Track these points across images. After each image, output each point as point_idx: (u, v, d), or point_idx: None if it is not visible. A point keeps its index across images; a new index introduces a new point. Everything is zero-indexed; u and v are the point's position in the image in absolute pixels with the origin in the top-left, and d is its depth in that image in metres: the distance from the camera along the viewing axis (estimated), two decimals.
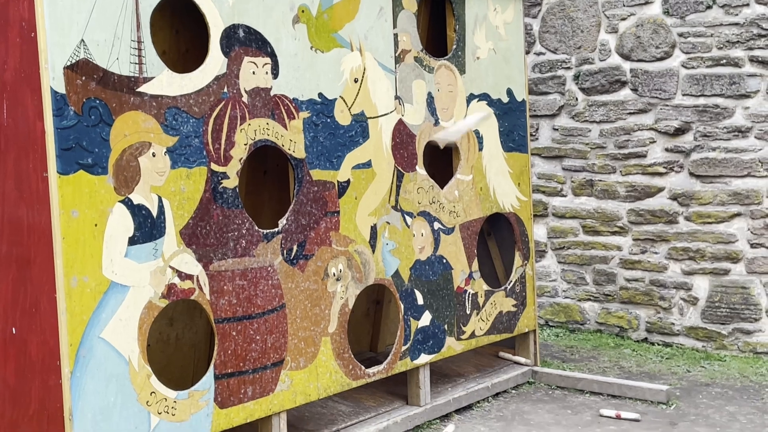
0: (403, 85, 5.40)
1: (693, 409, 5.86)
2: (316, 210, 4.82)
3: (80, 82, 3.72)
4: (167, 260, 4.06)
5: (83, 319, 3.72)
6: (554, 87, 7.99)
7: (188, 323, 5.43)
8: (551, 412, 5.88)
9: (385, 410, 5.50)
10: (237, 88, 4.38)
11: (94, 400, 3.77)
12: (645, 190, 7.53)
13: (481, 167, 6.04)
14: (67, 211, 3.66)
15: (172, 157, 4.08)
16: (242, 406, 4.42)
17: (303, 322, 4.73)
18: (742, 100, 7.08)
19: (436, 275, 5.64)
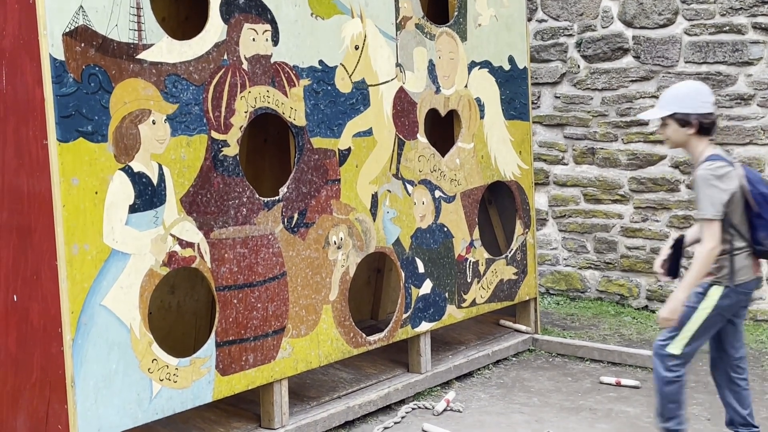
0: (404, 53, 5.36)
1: (693, 376, 5.87)
2: (316, 178, 4.81)
3: (79, 48, 3.70)
4: (168, 228, 4.06)
5: (84, 286, 3.73)
6: (556, 54, 7.95)
7: (189, 291, 5.44)
8: (552, 379, 5.90)
9: (386, 377, 5.52)
10: (237, 56, 4.36)
11: (95, 367, 3.78)
12: (646, 158, 7.51)
13: (482, 135, 6.02)
14: (68, 179, 3.66)
15: (172, 124, 4.06)
16: (244, 373, 4.43)
17: (304, 290, 4.73)
18: (744, 67, 7.04)
19: (437, 243, 5.64)
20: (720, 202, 4.05)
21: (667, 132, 4.26)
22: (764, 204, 4.15)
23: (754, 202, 4.14)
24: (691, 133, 4.17)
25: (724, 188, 4.07)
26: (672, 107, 4.18)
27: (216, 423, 4.68)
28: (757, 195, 4.15)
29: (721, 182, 4.07)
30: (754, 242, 4.19)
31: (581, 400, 5.46)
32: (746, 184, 4.15)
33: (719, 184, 4.06)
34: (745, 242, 4.19)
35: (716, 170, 4.08)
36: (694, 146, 4.20)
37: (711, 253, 4.06)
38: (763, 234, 4.16)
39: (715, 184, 4.06)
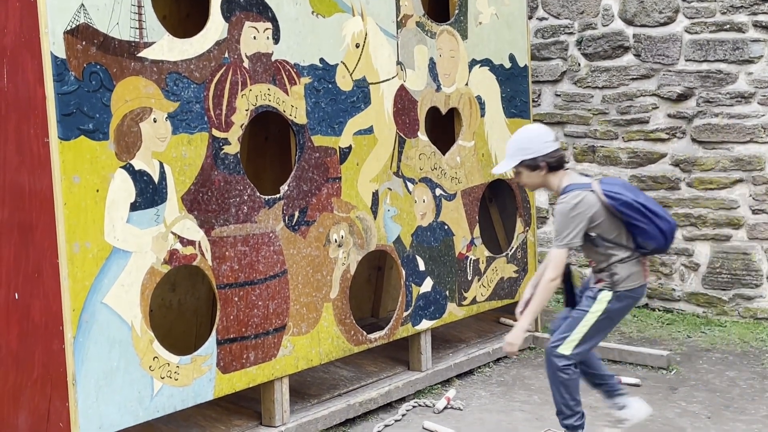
0: (405, 51, 5.37)
1: (693, 375, 5.89)
2: (317, 176, 4.81)
3: (80, 47, 3.70)
4: (169, 226, 4.06)
5: (86, 284, 3.73)
6: (556, 52, 7.95)
7: (190, 289, 5.45)
8: None
9: (387, 375, 5.53)
10: (238, 54, 4.36)
11: (97, 364, 3.79)
12: (647, 156, 7.52)
13: (483, 133, 6.03)
14: (69, 176, 3.66)
15: (173, 122, 4.07)
16: (245, 371, 4.44)
17: (305, 288, 4.74)
18: (745, 65, 7.04)
19: (437, 241, 5.64)
20: (573, 234, 4.26)
21: (522, 179, 4.49)
22: (631, 212, 4.31)
23: (621, 214, 4.31)
24: (543, 174, 4.37)
25: (580, 218, 4.25)
26: (518, 157, 4.38)
27: (217, 421, 4.69)
28: (620, 207, 4.30)
29: (575, 212, 4.27)
30: (638, 247, 4.38)
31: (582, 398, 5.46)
32: (606, 200, 4.30)
33: (574, 216, 4.26)
34: (629, 251, 4.38)
35: (570, 202, 4.28)
36: (551, 182, 4.41)
37: (551, 284, 4.30)
38: (641, 239, 4.35)
39: (571, 216, 4.26)
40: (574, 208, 4.25)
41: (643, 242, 4.35)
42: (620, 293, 4.36)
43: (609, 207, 4.29)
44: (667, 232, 4.34)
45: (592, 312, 4.35)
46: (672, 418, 5.10)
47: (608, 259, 4.35)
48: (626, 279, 4.36)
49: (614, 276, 4.34)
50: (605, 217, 4.31)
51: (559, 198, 4.34)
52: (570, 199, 4.27)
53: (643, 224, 4.30)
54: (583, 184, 4.36)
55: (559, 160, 4.38)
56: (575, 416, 4.42)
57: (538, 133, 4.43)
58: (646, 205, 4.33)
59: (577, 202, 4.25)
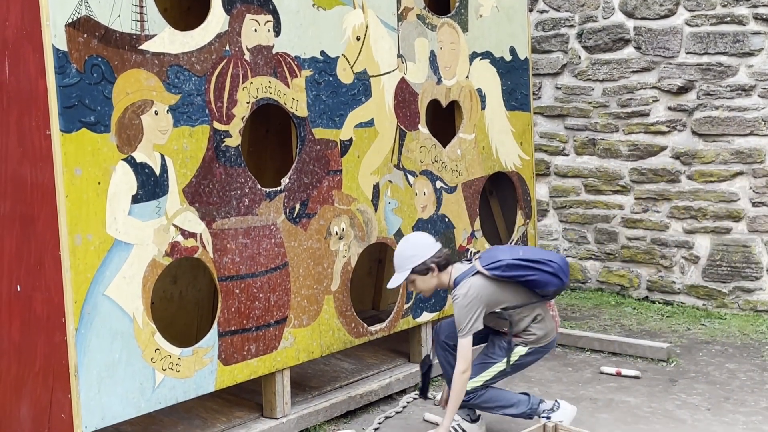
0: (406, 43, 5.37)
1: (693, 367, 5.90)
2: (318, 169, 4.82)
3: (82, 39, 3.70)
4: (170, 218, 4.07)
5: (87, 276, 3.74)
6: (557, 45, 7.95)
7: (192, 281, 5.46)
8: (552, 369, 5.92)
9: (388, 367, 5.54)
10: (239, 46, 4.36)
11: (99, 356, 3.80)
12: (647, 148, 7.52)
13: (483, 126, 6.03)
14: (71, 169, 3.67)
15: (174, 115, 4.07)
16: (246, 363, 4.45)
17: (306, 280, 4.75)
18: (745, 58, 7.04)
19: (438, 234, 5.65)
20: (473, 321, 4.36)
21: (417, 286, 4.58)
22: (516, 272, 4.45)
23: (509, 278, 4.44)
24: (435, 275, 4.51)
25: (475, 304, 4.36)
26: (408, 266, 4.50)
27: (218, 412, 4.70)
28: (505, 272, 4.44)
29: (468, 301, 4.36)
30: (542, 296, 4.55)
31: (582, 390, 5.48)
32: (490, 273, 4.42)
33: (469, 305, 4.36)
34: (537, 306, 4.54)
35: (462, 293, 4.38)
36: (443, 281, 4.54)
37: (464, 376, 4.40)
38: (537, 289, 4.50)
39: (466, 306, 4.38)
40: (466, 297, 4.38)
41: (541, 291, 4.51)
42: (535, 348, 4.54)
43: (497, 278, 4.43)
44: (557, 273, 4.50)
45: (501, 363, 4.52)
46: (672, 410, 5.11)
47: (522, 322, 4.50)
48: (543, 337, 4.54)
49: (532, 336, 4.52)
50: (501, 289, 4.45)
51: (452, 293, 4.47)
52: (461, 291, 4.41)
53: (532, 276, 4.45)
54: (467, 270, 4.49)
55: (445, 259, 4.54)
56: (517, 406, 4.56)
57: (419, 240, 4.62)
58: (526, 258, 4.49)
59: (467, 292, 4.39)
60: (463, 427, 4.70)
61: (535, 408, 4.57)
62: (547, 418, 4.52)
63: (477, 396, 4.50)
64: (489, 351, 4.58)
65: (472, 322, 4.35)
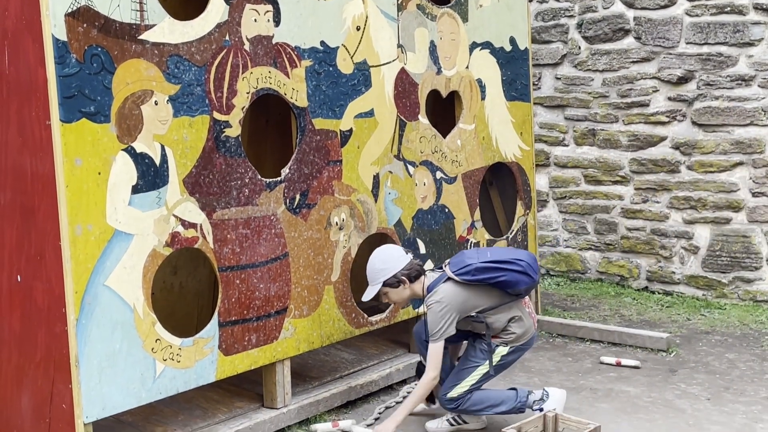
0: (406, 34, 5.36)
1: (693, 357, 5.91)
2: (318, 159, 4.81)
3: (82, 29, 3.70)
4: (171, 209, 4.07)
5: (88, 267, 3.74)
6: (557, 35, 7.94)
7: (192, 272, 5.46)
8: (552, 359, 5.93)
9: (388, 358, 5.54)
10: (239, 36, 4.35)
11: (99, 346, 3.81)
12: (647, 139, 7.52)
13: (483, 116, 6.02)
14: (71, 159, 3.66)
15: (174, 105, 4.07)
16: (246, 353, 4.45)
17: (306, 270, 4.75)
18: (745, 48, 7.04)
19: (438, 224, 5.65)
20: (446, 327, 4.39)
21: (391, 298, 4.64)
22: (485, 274, 4.47)
23: (480, 281, 4.45)
24: (407, 286, 4.57)
25: (448, 311, 4.39)
26: (380, 279, 4.57)
27: (219, 403, 4.71)
28: (474, 276, 4.46)
29: (441, 308, 4.39)
30: (515, 295, 4.54)
31: (582, 380, 5.49)
32: (460, 279, 4.44)
33: (442, 311, 4.38)
34: (512, 305, 4.55)
35: (435, 300, 4.41)
36: (417, 291, 4.59)
37: (432, 383, 4.44)
38: (509, 289, 4.51)
39: (440, 313, 4.41)
40: (439, 304, 4.41)
41: (513, 291, 4.52)
42: (516, 347, 4.56)
43: (468, 282, 4.45)
44: (526, 271, 4.51)
45: (485, 365, 4.52)
46: (672, 399, 5.12)
47: (499, 323, 4.51)
48: (522, 335, 4.56)
49: (512, 335, 4.53)
50: (473, 293, 4.46)
51: (426, 300, 4.50)
52: (434, 298, 4.44)
53: (503, 277, 4.46)
54: (438, 278, 4.52)
55: (416, 270, 4.57)
56: (505, 403, 4.58)
57: (388, 254, 4.64)
58: (495, 260, 4.50)
59: (440, 299, 4.42)
60: (463, 418, 4.71)
61: (524, 401, 4.58)
62: (539, 409, 4.52)
63: (464, 401, 4.52)
64: (470, 355, 4.59)
65: (445, 328, 4.39)
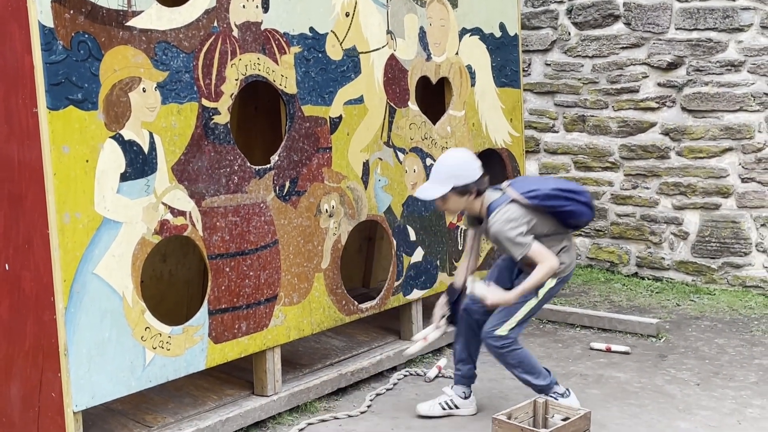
0: (395, 20, 5.34)
1: (682, 342, 5.93)
2: (308, 146, 4.80)
3: (68, 15, 3.66)
4: (159, 196, 4.05)
5: (76, 255, 3.72)
6: (547, 21, 7.92)
7: (181, 260, 5.45)
8: (542, 345, 5.94)
9: (378, 345, 5.55)
10: (227, 23, 4.33)
11: (88, 335, 3.79)
12: (637, 125, 7.52)
13: (473, 103, 6.01)
14: (58, 146, 3.64)
15: (162, 92, 4.04)
16: (236, 341, 4.45)
17: (296, 258, 4.74)
18: (735, 33, 7.03)
19: (428, 211, 5.64)
20: (524, 234, 4.33)
21: (448, 204, 4.51)
22: (554, 202, 4.43)
23: (546, 207, 4.42)
24: (471, 199, 4.44)
25: (518, 223, 4.34)
26: (450, 183, 4.41)
27: (209, 390, 4.70)
28: (543, 201, 4.41)
29: (512, 221, 4.34)
30: (570, 227, 4.56)
31: (572, 366, 5.50)
32: (529, 202, 4.39)
33: (513, 224, 4.33)
34: (565, 236, 4.55)
35: (502, 218, 4.34)
36: (474, 206, 4.48)
37: (553, 268, 4.36)
38: (572, 220, 4.50)
39: (510, 226, 4.33)
40: (509, 222, 4.34)
41: (575, 222, 4.51)
42: (560, 278, 4.52)
43: (534, 207, 4.40)
44: (589, 203, 4.51)
45: (533, 299, 4.48)
46: (661, 385, 5.14)
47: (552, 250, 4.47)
48: (569, 266, 4.55)
49: (561, 265, 4.49)
50: (535, 217, 4.42)
51: (490, 218, 4.40)
52: (501, 217, 4.35)
53: (569, 207, 4.44)
54: (501, 198, 4.44)
55: (485, 186, 4.47)
56: (540, 376, 4.55)
57: (467, 160, 4.49)
58: (563, 188, 4.47)
59: (508, 217, 4.35)
60: (455, 403, 4.71)
61: (551, 385, 4.56)
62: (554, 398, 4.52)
63: (509, 346, 4.45)
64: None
65: (524, 236, 4.31)
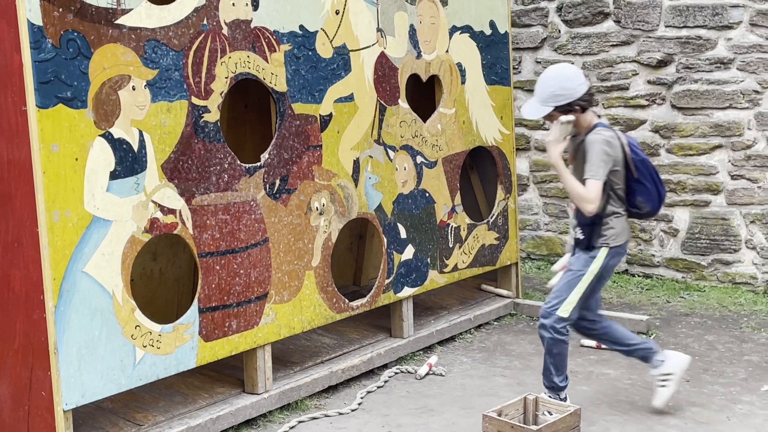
0: (385, 17, 5.34)
1: (672, 339, 5.94)
2: (298, 144, 4.80)
3: (57, 14, 3.66)
4: (149, 195, 4.05)
5: (66, 253, 3.72)
6: (537, 19, 7.93)
7: (171, 258, 5.44)
8: (533, 342, 5.95)
9: (369, 342, 5.55)
10: (217, 20, 4.32)
11: (78, 333, 3.79)
12: (627, 122, 7.53)
13: (463, 101, 6.02)
14: (47, 145, 3.63)
15: (152, 90, 4.04)
16: (227, 339, 4.45)
17: (286, 256, 4.74)
18: (724, 31, 7.05)
19: (418, 209, 5.65)
20: (607, 167, 4.33)
21: (554, 120, 4.47)
22: (643, 170, 4.46)
23: (635, 169, 4.44)
24: (576, 115, 4.42)
25: (612, 155, 4.36)
26: (552, 103, 4.39)
27: (200, 389, 4.70)
28: (638, 162, 4.45)
29: (610, 149, 4.36)
30: (631, 205, 4.52)
31: None
32: (629, 152, 4.43)
33: (608, 151, 4.35)
34: (623, 206, 4.50)
35: (607, 137, 4.37)
36: (581, 122, 4.46)
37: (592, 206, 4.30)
38: (641, 198, 4.49)
39: (606, 150, 4.34)
40: (609, 145, 4.35)
41: (641, 202, 4.48)
42: (614, 249, 4.47)
43: (628, 158, 4.42)
44: (662, 198, 4.52)
45: (590, 272, 4.45)
46: (651, 381, 5.15)
47: (605, 210, 4.43)
48: (620, 234, 4.48)
49: (610, 230, 4.45)
50: (620, 167, 4.42)
51: (593, 131, 4.39)
52: (606, 134, 4.37)
53: (648, 185, 4.45)
54: (613, 129, 4.46)
55: (590, 100, 4.43)
56: (562, 375, 4.53)
57: (569, 76, 4.43)
58: (655, 169, 4.50)
59: (610, 141, 4.36)
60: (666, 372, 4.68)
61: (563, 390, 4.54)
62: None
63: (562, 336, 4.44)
64: (572, 267, 4.52)
65: (603, 168, 4.30)
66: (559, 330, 4.45)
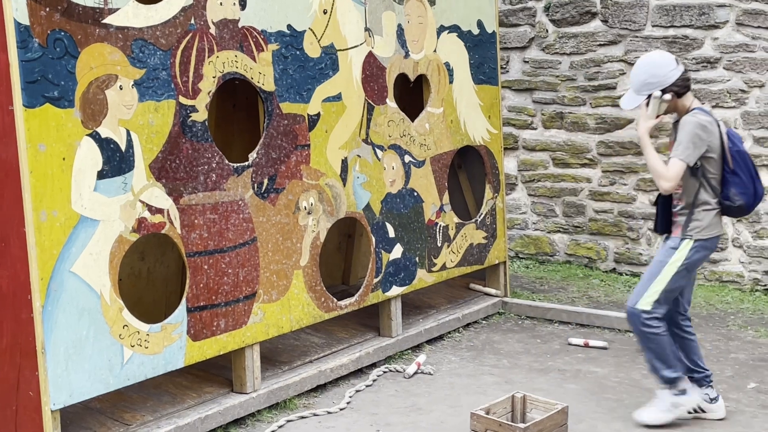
0: (373, 17, 5.35)
1: None
2: (286, 143, 4.80)
3: (44, 13, 3.65)
4: (137, 194, 4.04)
5: (53, 253, 3.71)
6: (524, 19, 7.95)
7: (159, 257, 5.43)
8: (521, 341, 5.96)
9: (358, 341, 5.55)
10: (204, 20, 4.32)
11: (66, 333, 3.78)
12: (614, 122, 7.56)
13: (451, 100, 6.03)
14: (34, 144, 3.63)
15: (139, 90, 4.04)
16: (215, 338, 4.44)
17: (275, 255, 4.74)
18: (711, 30, 7.08)
19: (407, 208, 5.66)
20: (697, 151, 4.25)
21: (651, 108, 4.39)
22: (740, 162, 4.33)
23: (732, 158, 4.32)
24: (672, 100, 4.34)
25: (705, 139, 4.27)
26: (645, 91, 4.34)
27: (188, 388, 4.70)
28: (735, 152, 4.33)
29: (704, 133, 4.27)
30: (724, 198, 4.36)
31: (550, 362, 5.53)
32: (727, 141, 4.33)
33: (701, 135, 4.26)
34: (715, 198, 4.36)
35: (702, 120, 4.28)
36: (680, 106, 4.39)
37: (668, 184, 4.25)
38: (735, 190, 4.34)
39: (698, 134, 4.25)
40: (703, 129, 4.27)
41: (735, 195, 4.33)
42: (700, 243, 4.35)
43: (725, 147, 4.32)
44: (759, 195, 4.37)
45: (671, 263, 4.35)
46: (638, 379, 5.17)
47: (695, 200, 4.35)
48: (708, 227, 4.35)
49: (695, 222, 4.35)
50: (716, 155, 4.32)
51: (691, 113, 4.32)
52: (702, 118, 4.29)
53: (744, 177, 4.32)
54: (712, 115, 4.39)
55: (685, 85, 4.35)
56: (670, 368, 4.41)
57: (659, 63, 4.37)
58: (754, 164, 4.39)
59: (706, 126, 4.28)
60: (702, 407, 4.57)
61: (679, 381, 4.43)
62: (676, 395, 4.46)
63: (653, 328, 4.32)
64: (656, 260, 4.43)
65: (690, 152, 4.22)
66: (646, 323, 4.33)
